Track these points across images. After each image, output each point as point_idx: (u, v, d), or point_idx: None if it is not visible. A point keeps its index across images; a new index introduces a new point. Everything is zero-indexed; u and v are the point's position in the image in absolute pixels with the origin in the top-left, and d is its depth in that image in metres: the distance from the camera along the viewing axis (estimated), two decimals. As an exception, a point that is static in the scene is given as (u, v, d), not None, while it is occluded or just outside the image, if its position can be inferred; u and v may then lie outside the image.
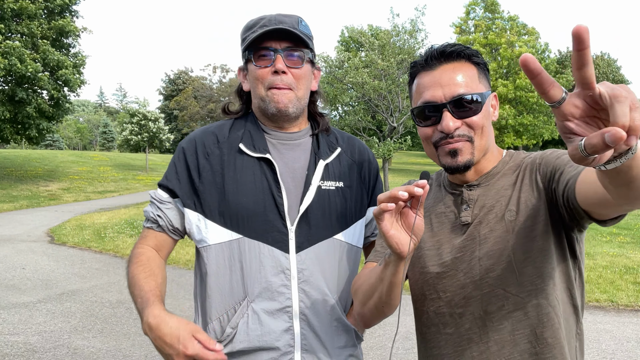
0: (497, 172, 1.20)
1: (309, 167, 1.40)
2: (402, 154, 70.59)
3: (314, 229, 1.35)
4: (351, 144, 1.53)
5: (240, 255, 1.32)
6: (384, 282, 1.11)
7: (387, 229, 0.99)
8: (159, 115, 30.77)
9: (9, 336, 4.69)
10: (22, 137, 21.19)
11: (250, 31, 1.36)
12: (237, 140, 1.39)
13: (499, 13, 38.58)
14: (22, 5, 18.64)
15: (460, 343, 1.15)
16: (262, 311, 1.31)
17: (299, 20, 1.38)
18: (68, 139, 75.64)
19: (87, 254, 8.69)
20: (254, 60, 1.35)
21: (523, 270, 1.09)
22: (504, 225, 1.12)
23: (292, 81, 1.35)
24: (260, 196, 1.33)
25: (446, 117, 1.11)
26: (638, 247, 8.14)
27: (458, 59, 1.14)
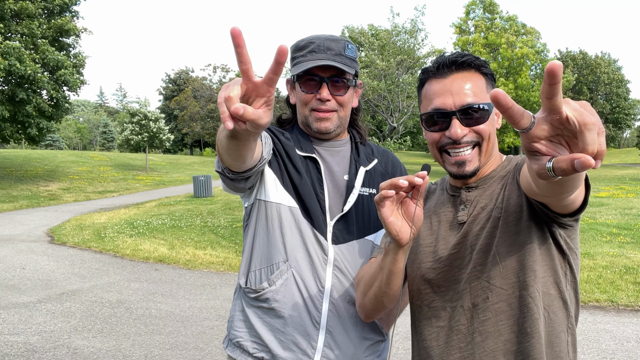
0: (495, 175, 1.26)
1: (350, 172, 1.54)
2: (402, 154, 70.59)
3: (350, 227, 1.48)
4: (385, 156, 1.66)
5: (294, 223, 1.44)
6: (384, 271, 1.18)
7: (387, 215, 1.05)
8: (160, 116, 30.76)
9: (9, 336, 4.69)
10: (22, 137, 21.18)
11: (300, 53, 1.47)
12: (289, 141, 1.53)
13: (498, 13, 38.57)
14: (22, 5, 18.64)
15: (450, 335, 1.20)
16: (300, 279, 1.43)
17: (346, 45, 1.48)
18: (68, 139, 75.64)
19: (87, 254, 8.69)
20: (301, 85, 1.47)
21: (506, 263, 1.14)
22: (492, 222, 1.17)
23: (334, 105, 1.47)
24: (307, 189, 1.47)
25: (455, 125, 1.16)
26: (638, 247, 8.14)
27: (468, 69, 1.19)
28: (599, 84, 50.41)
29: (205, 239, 9.53)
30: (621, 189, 19.21)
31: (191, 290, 6.38)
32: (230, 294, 6.10)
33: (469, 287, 1.18)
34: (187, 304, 5.74)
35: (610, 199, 15.75)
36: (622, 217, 11.49)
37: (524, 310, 1.13)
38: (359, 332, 1.48)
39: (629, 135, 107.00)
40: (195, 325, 5.04)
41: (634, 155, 77.99)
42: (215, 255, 8.24)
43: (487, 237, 1.17)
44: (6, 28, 18.61)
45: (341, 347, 1.45)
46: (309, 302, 1.43)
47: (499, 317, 1.14)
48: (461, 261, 1.20)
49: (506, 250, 1.14)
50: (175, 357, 4.25)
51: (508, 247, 1.14)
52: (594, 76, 50.42)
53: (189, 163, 37.49)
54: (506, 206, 1.17)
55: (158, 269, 7.54)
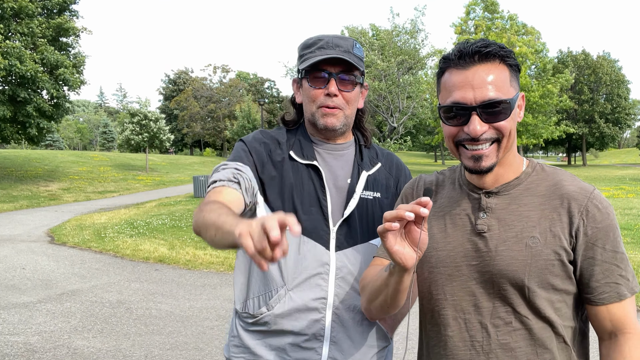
0: (519, 184, 1.18)
1: (352, 176, 1.53)
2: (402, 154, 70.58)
3: (353, 232, 1.47)
4: (389, 159, 1.65)
5: (289, 245, 1.40)
6: (389, 288, 1.15)
7: (391, 245, 1.03)
8: (160, 116, 30.77)
9: (9, 336, 4.69)
10: (22, 137, 21.18)
11: (308, 50, 1.47)
12: (289, 147, 1.52)
13: (499, 13, 38.56)
14: (22, 4, 18.64)
15: (463, 348, 1.17)
16: (300, 300, 1.41)
17: (354, 43, 1.48)
18: (68, 139, 75.65)
19: (87, 254, 8.69)
20: (309, 81, 1.47)
21: (535, 298, 1.11)
22: (524, 250, 1.12)
23: (342, 102, 1.47)
24: (307, 198, 1.46)
25: (474, 121, 1.08)
26: (638, 247, 8.14)
27: (492, 60, 1.10)
28: (600, 84, 50.37)
29: (205, 239, 9.52)
30: (621, 189, 19.20)
31: (191, 290, 6.37)
32: (230, 294, 6.10)
33: (492, 307, 1.14)
34: (187, 304, 5.74)
35: (610, 199, 15.74)
36: (622, 217, 11.49)
37: (545, 341, 1.12)
38: (365, 340, 1.47)
39: (629, 135, 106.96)
40: (195, 325, 5.04)
41: (634, 155, 77.94)
42: (216, 255, 8.24)
43: (515, 264, 1.12)
44: (6, 28, 18.61)
45: (347, 357, 1.44)
46: (311, 317, 1.41)
47: (519, 343, 1.13)
48: (480, 275, 1.15)
49: (537, 285, 1.11)
50: (175, 357, 4.25)
51: (540, 284, 1.11)
52: (595, 76, 50.38)
53: (189, 163, 37.49)
54: (548, 244, 1.11)
55: (158, 269, 7.54)
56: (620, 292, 1.10)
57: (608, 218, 1.12)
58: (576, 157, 69.64)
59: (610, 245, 1.11)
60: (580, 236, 1.11)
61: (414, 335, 4.54)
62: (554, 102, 35.37)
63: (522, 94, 1.18)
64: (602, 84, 50.32)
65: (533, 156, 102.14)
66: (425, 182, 1.35)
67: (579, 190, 1.14)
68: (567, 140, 54.47)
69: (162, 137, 30.20)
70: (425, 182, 1.35)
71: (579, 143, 55.19)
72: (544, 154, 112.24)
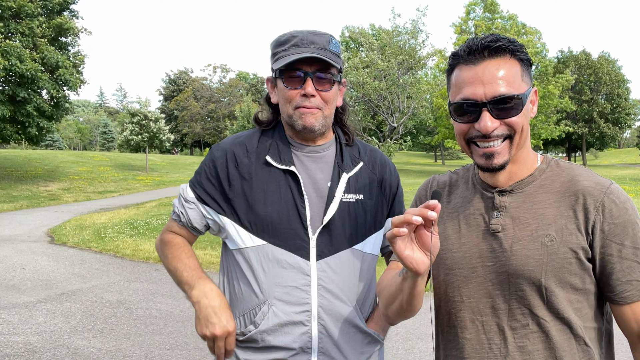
0: (533, 181, 1.16)
1: (332, 179, 1.46)
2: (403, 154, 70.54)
3: (334, 239, 1.42)
4: (373, 156, 1.58)
5: (264, 261, 1.39)
6: (404, 293, 1.13)
7: (401, 251, 1.00)
8: (160, 116, 30.76)
9: (9, 336, 4.69)
10: (22, 137, 21.18)
11: (282, 48, 1.40)
12: (265, 151, 1.45)
13: (499, 13, 38.55)
14: (21, 3, 18.63)
15: (480, 351, 1.15)
16: (283, 314, 1.38)
17: (330, 39, 1.41)
18: (68, 139, 75.62)
19: (87, 254, 8.69)
20: (284, 81, 1.40)
21: (553, 298, 1.09)
22: (539, 249, 1.09)
23: (320, 102, 1.40)
24: (284, 206, 1.40)
25: (485, 117, 1.06)
26: (638, 247, 8.13)
27: (502, 55, 1.07)
28: (600, 84, 50.35)
29: (205, 238, 9.52)
30: (621, 189, 19.16)
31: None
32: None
33: (508, 309, 1.12)
34: (187, 304, 5.74)
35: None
36: (622, 217, 11.46)
37: (564, 344, 1.10)
38: (355, 347, 1.44)
39: (629, 135, 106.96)
40: (195, 325, 5.04)
41: (634, 155, 77.89)
42: (216, 255, 8.23)
43: (531, 263, 1.09)
44: (6, 27, 18.61)
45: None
46: (297, 330, 1.38)
47: (536, 345, 1.10)
48: (497, 276, 1.13)
49: (555, 285, 1.08)
50: (175, 357, 4.25)
51: (557, 283, 1.08)
52: (595, 76, 50.36)
53: (189, 163, 37.49)
54: (564, 241, 1.08)
55: (158, 269, 7.54)
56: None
57: (626, 213, 1.08)
58: (576, 157, 69.60)
59: (629, 242, 1.07)
60: (596, 232, 1.07)
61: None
62: (554, 103, 35.37)
63: (534, 89, 1.15)
64: (602, 84, 50.30)
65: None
66: (438, 182, 1.33)
67: (595, 185, 1.10)
68: (567, 140, 54.46)
69: (162, 137, 30.18)
70: (439, 182, 1.33)
71: (579, 143, 55.17)
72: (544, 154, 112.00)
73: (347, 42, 42.44)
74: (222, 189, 1.44)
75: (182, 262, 1.48)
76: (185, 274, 1.46)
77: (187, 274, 1.46)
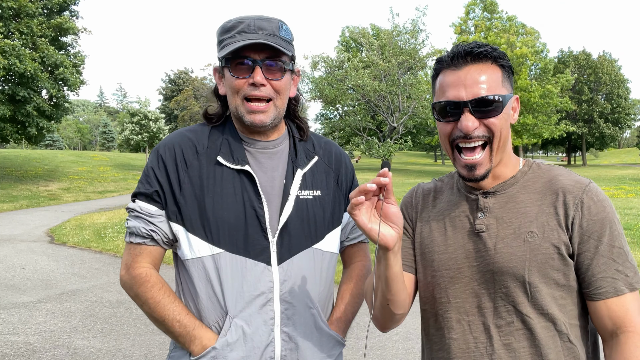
0: (515, 182, 1.20)
1: (287, 176, 1.37)
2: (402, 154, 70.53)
3: (294, 239, 1.34)
4: (328, 149, 1.51)
5: (221, 270, 1.29)
6: (382, 279, 1.14)
7: (364, 223, 1.03)
8: (160, 116, 30.79)
9: (9, 336, 4.69)
10: (22, 137, 21.18)
11: (228, 35, 1.30)
12: (216, 150, 1.34)
13: (498, 13, 38.57)
14: (21, 3, 18.63)
15: (467, 350, 1.17)
16: (246, 325, 1.29)
17: (280, 25, 1.32)
18: (68, 139, 75.64)
19: (87, 254, 8.69)
20: (230, 70, 1.30)
21: (535, 294, 1.11)
22: (522, 245, 1.12)
23: (270, 92, 1.31)
24: (240, 209, 1.30)
25: (466, 117, 1.11)
26: (638, 247, 8.13)
27: (484, 60, 1.14)
28: (600, 84, 50.36)
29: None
30: (621, 189, 19.20)
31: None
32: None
33: (494, 307, 1.14)
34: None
35: (610, 199, 15.73)
36: (622, 217, 11.49)
37: (548, 341, 1.11)
38: (320, 352, 1.38)
39: (629, 135, 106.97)
40: (195, 325, 5.04)
41: (634, 155, 77.93)
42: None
43: (515, 259, 1.12)
44: (5, 27, 18.60)
45: None
46: (260, 340, 1.29)
47: (522, 343, 1.12)
48: (482, 275, 1.16)
49: (539, 280, 1.10)
50: (175, 357, 4.25)
51: (541, 278, 1.10)
52: (595, 76, 50.37)
53: (189, 163, 37.39)
54: (546, 237, 1.11)
55: (158, 269, 7.55)
56: (617, 287, 1.09)
57: (604, 211, 1.12)
58: (576, 157, 69.62)
59: (606, 239, 1.10)
60: (575, 228, 1.11)
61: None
62: (554, 103, 35.37)
63: (516, 96, 1.20)
64: (602, 84, 50.31)
65: (533, 156, 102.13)
66: (423, 189, 1.36)
67: (574, 183, 1.15)
68: (567, 140, 54.49)
69: (162, 137, 30.20)
70: (424, 189, 1.35)
71: (579, 143, 55.20)
72: (543, 154, 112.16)
73: (348, 42, 42.43)
74: (172, 193, 1.31)
75: (168, 310, 1.29)
76: (177, 325, 1.29)
77: (178, 326, 1.29)
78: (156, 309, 1.30)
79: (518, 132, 36.12)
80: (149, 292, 1.30)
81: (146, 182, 1.33)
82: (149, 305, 1.31)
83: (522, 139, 36.37)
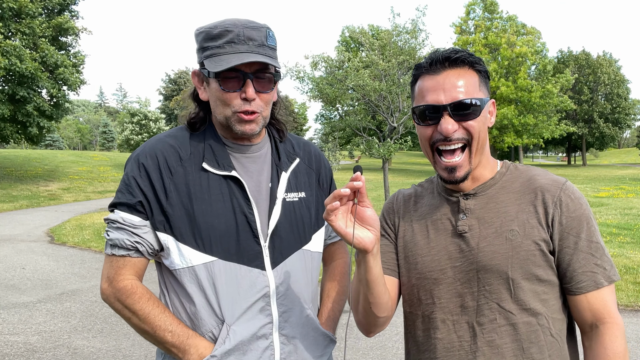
0: (494, 184, 1.23)
1: (272, 179, 1.37)
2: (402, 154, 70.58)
3: (285, 242, 1.34)
4: (307, 150, 1.50)
5: (215, 279, 1.26)
6: (362, 282, 1.16)
7: (341, 228, 1.06)
8: (160, 116, 30.80)
9: (9, 336, 4.69)
10: (22, 136, 21.19)
11: (214, 43, 1.25)
12: (199, 157, 1.31)
13: (498, 13, 38.57)
14: (22, 3, 18.64)
15: (451, 349, 1.19)
16: (244, 332, 1.27)
17: (267, 33, 1.28)
18: (68, 139, 75.66)
19: (87, 254, 8.69)
20: (220, 83, 1.25)
21: (518, 290, 1.14)
22: (504, 243, 1.15)
23: (260, 105, 1.28)
24: (231, 216, 1.28)
25: (446, 120, 1.15)
26: (638, 247, 8.14)
27: (462, 66, 1.18)
28: (600, 84, 50.35)
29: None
30: (621, 189, 19.21)
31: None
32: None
33: (477, 306, 1.17)
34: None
35: (610, 199, 15.75)
36: (622, 217, 11.49)
37: (531, 336, 1.14)
38: (316, 351, 1.39)
39: (629, 135, 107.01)
40: (195, 325, 5.04)
41: (634, 155, 77.94)
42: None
43: (497, 257, 1.15)
44: (6, 27, 18.61)
45: None
46: (259, 345, 1.29)
47: (504, 339, 1.14)
48: (465, 275, 1.18)
49: (521, 277, 1.13)
50: (175, 357, 4.25)
51: (523, 274, 1.13)
52: (595, 76, 50.36)
53: (189, 163, 37.41)
54: (526, 234, 1.15)
55: (158, 269, 7.55)
56: (597, 281, 1.13)
57: (581, 208, 1.16)
58: (576, 157, 69.62)
59: (585, 235, 1.14)
60: (555, 225, 1.15)
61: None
62: (554, 102, 35.34)
63: (492, 100, 1.25)
64: (602, 84, 50.31)
65: (533, 156, 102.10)
66: (404, 195, 1.38)
67: (552, 182, 1.19)
68: (567, 140, 54.49)
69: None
70: (404, 195, 1.38)
71: (579, 143, 55.20)
72: (544, 154, 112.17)
73: (348, 42, 42.42)
74: (157, 201, 1.26)
75: (159, 320, 1.25)
76: (169, 335, 1.24)
77: (171, 336, 1.24)
78: (146, 321, 1.25)
79: (518, 132, 36.14)
80: (137, 304, 1.25)
81: (127, 192, 1.27)
82: (138, 317, 1.26)
83: (522, 139, 36.37)
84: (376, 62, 17.08)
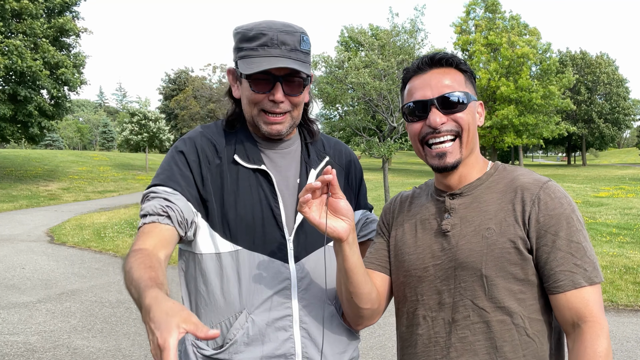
0: (481, 184, 1.25)
1: (301, 176, 1.40)
2: (402, 154, 70.59)
3: (310, 238, 1.36)
4: (338, 149, 1.54)
5: (239, 267, 1.30)
6: (341, 272, 1.21)
7: (315, 219, 1.13)
8: (160, 115, 30.77)
9: (9, 336, 4.69)
10: (22, 136, 21.19)
11: (249, 45, 1.29)
12: (232, 150, 1.36)
13: (500, 13, 38.54)
14: (23, 4, 18.64)
15: (429, 345, 1.22)
16: (263, 322, 1.29)
17: (301, 37, 1.30)
18: (68, 139, 75.64)
19: (87, 254, 8.69)
20: (251, 84, 1.29)
21: (493, 288, 1.14)
22: (480, 241, 1.17)
23: (288, 106, 1.32)
24: (258, 207, 1.32)
25: (433, 113, 1.18)
26: (638, 247, 8.14)
27: (447, 66, 1.22)
28: (598, 84, 50.34)
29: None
30: (621, 189, 19.21)
31: (191, 290, 6.37)
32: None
33: (453, 302, 1.18)
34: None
35: (610, 199, 15.75)
36: (622, 217, 11.49)
37: (504, 334, 1.14)
38: (339, 347, 1.40)
39: (628, 135, 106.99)
40: (195, 325, 5.04)
41: (634, 155, 77.97)
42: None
43: (473, 255, 1.16)
44: (6, 28, 18.60)
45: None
46: (279, 337, 1.30)
47: (477, 336, 1.15)
48: (444, 273, 1.20)
49: (495, 274, 1.14)
50: (175, 357, 4.25)
51: (497, 272, 1.14)
52: (594, 76, 50.35)
53: (189, 163, 37.42)
54: (503, 232, 1.15)
55: (158, 268, 7.55)
56: (575, 281, 1.11)
57: (561, 207, 1.15)
58: (576, 157, 69.62)
59: (564, 234, 1.13)
60: (532, 223, 1.14)
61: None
62: (555, 103, 35.32)
63: (480, 102, 1.28)
64: (600, 84, 50.30)
65: (533, 156, 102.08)
66: (402, 197, 1.43)
67: (533, 181, 1.19)
68: (566, 140, 54.49)
69: (162, 137, 30.20)
70: (403, 196, 1.42)
71: (579, 143, 55.21)
72: (543, 154, 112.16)
73: (347, 42, 42.44)
74: (196, 187, 1.31)
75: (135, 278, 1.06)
76: (132, 290, 1.06)
77: (133, 292, 1.06)
78: (127, 278, 1.09)
79: (518, 132, 36.12)
80: (129, 260, 1.12)
81: (167, 174, 1.30)
82: (125, 275, 1.11)
83: (522, 139, 36.36)
84: (376, 62, 17.08)
